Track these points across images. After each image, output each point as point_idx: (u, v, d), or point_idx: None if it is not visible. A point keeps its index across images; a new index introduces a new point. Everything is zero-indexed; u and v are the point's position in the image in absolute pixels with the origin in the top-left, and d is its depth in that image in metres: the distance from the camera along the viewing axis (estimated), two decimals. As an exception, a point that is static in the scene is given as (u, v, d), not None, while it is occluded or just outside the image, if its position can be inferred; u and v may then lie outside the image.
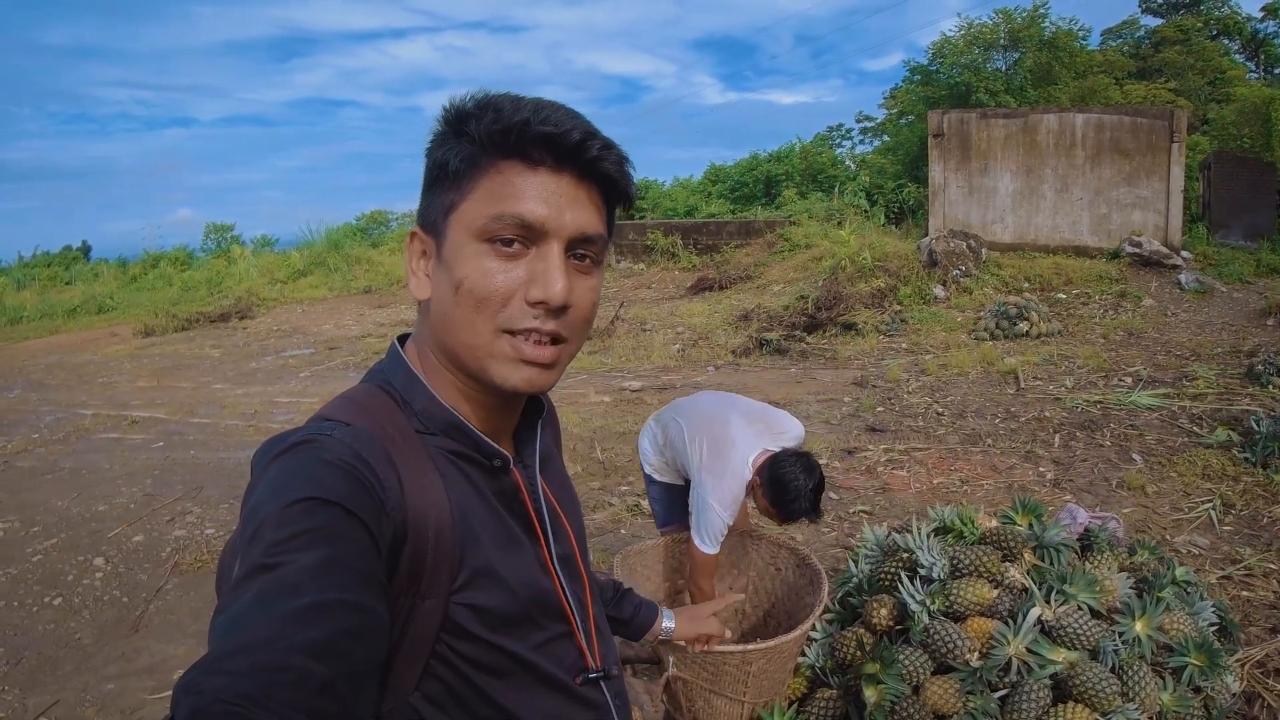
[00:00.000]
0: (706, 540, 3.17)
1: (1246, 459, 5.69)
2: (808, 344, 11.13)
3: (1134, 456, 6.05)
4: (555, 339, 0.99)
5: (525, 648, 1.04)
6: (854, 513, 5.40)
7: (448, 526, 0.97)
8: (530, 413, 1.18)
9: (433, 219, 1.02)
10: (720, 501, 3.15)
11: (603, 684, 1.16)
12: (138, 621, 4.60)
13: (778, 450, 3.19)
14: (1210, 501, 5.11)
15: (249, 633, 0.70)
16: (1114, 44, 30.60)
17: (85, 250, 33.97)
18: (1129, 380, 8.17)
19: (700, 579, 3.26)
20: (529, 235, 0.96)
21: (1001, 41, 20.19)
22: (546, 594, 1.08)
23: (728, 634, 2.11)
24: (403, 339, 1.13)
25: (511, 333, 0.98)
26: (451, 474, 1.02)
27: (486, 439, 1.06)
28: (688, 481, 3.47)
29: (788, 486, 3.04)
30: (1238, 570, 4.27)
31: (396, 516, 0.91)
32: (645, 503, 5.66)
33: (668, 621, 1.84)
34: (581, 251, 1.01)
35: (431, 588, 0.95)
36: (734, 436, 3.24)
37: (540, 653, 1.06)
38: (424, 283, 1.04)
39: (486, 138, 0.96)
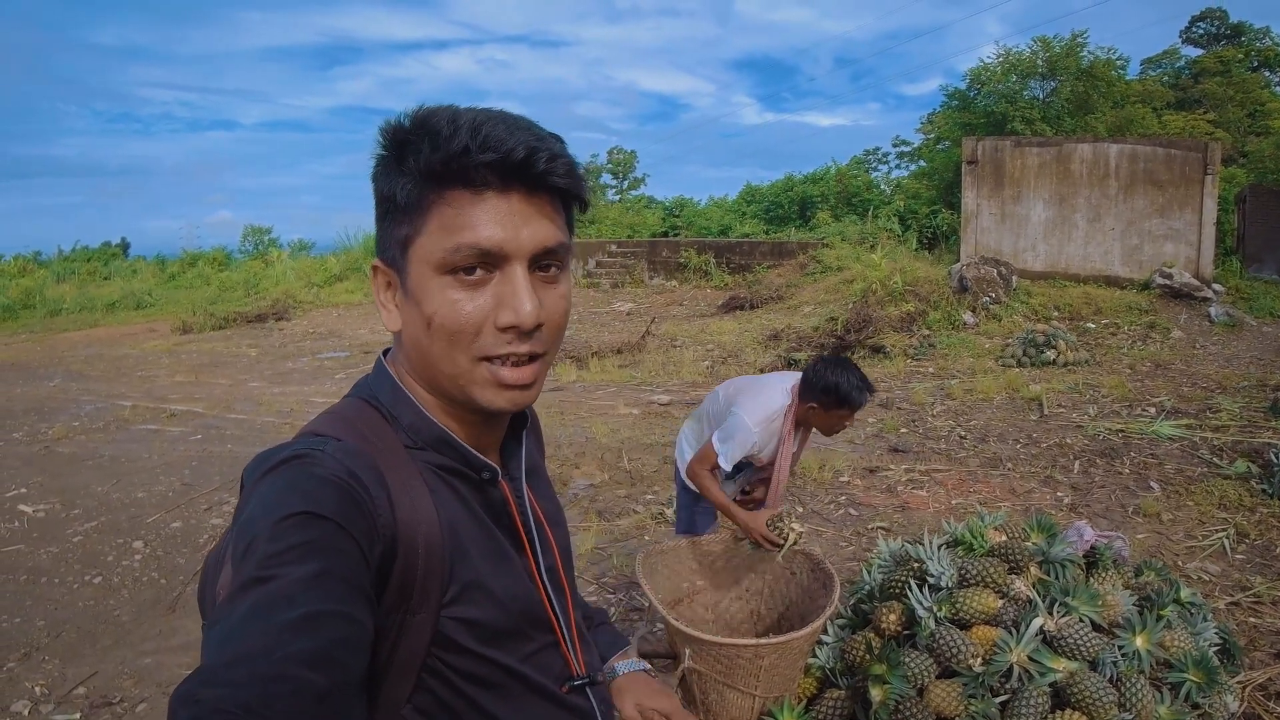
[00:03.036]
0: (724, 445, 3.41)
1: (1264, 491, 5.72)
2: (835, 364, 11.19)
3: (1152, 485, 6.10)
4: (532, 357, 0.99)
5: (515, 659, 1.05)
6: (872, 529, 5.50)
7: (437, 541, 0.97)
8: (515, 424, 1.18)
9: (391, 253, 1.01)
10: (749, 413, 3.40)
11: (589, 691, 1.17)
12: (175, 602, 4.77)
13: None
14: (1224, 531, 5.15)
15: (246, 643, 0.71)
16: (1153, 74, 30.44)
17: (124, 247, 34.58)
18: (1152, 410, 8.20)
19: (702, 476, 3.50)
20: (490, 260, 0.95)
21: (1039, 70, 20.16)
22: (534, 605, 1.09)
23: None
24: (389, 351, 1.13)
25: (489, 359, 0.98)
26: (440, 488, 1.02)
27: (474, 452, 1.06)
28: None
29: (826, 374, 3.34)
30: (1247, 597, 4.32)
31: (386, 532, 0.92)
32: (669, 512, 5.78)
33: (622, 664, 1.46)
34: (545, 262, 0.99)
35: (422, 603, 0.95)
36: (766, 377, 3.66)
37: (529, 663, 1.07)
38: (394, 314, 1.04)
39: (427, 170, 0.94)
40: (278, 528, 0.82)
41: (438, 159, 0.93)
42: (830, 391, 3.30)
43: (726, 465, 3.41)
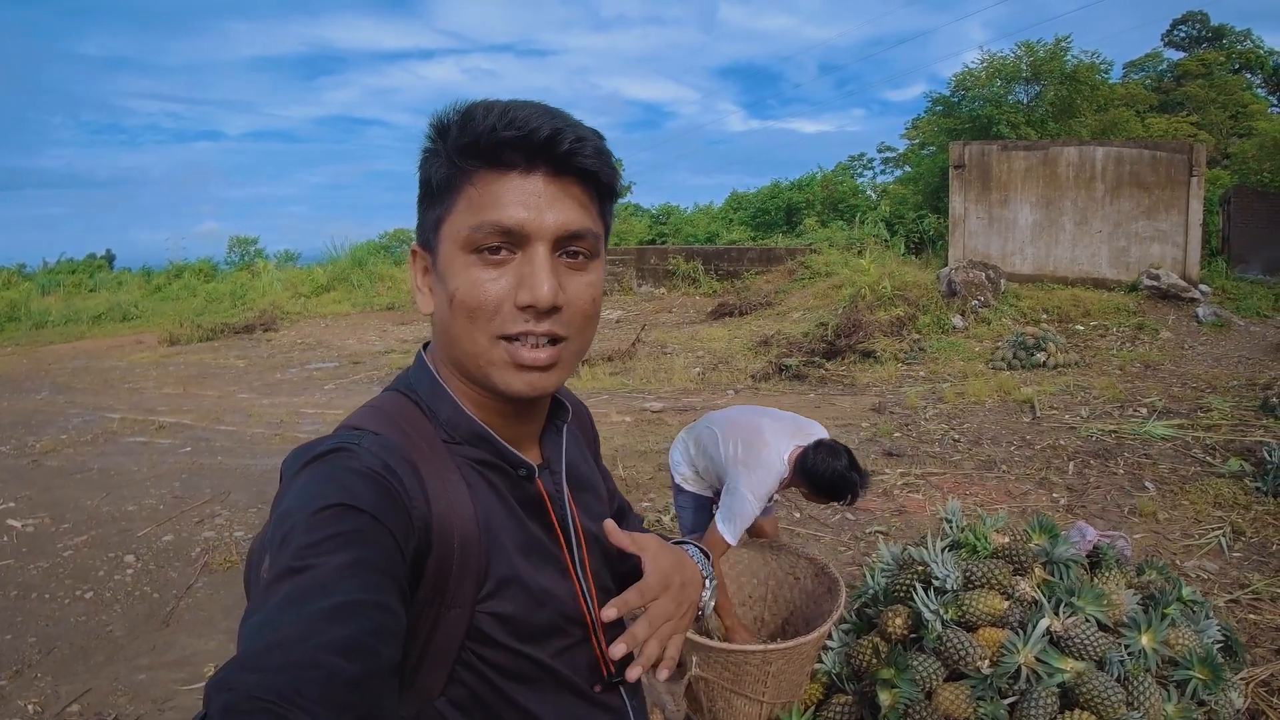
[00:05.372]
0: (730, 526, 3.30)
1: (1258, 488, 5.75)
2: (827, 370, 11.21)
3: (1147, 484, 6.11)
4: (553, 339, 1.00)
5: (547, 654, 1.05)
6: (870, 533, 5.49)
7: (474, 537, 0.98)
8: (555, 417, 1.19)
9: (426, 235, 1.04)
10: (753, 490, 3.30)
11: (621, 688, 1.16)
12: (168, 616, 4.72)
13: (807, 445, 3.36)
14: (1221, 529, 5.17)
15: (280, 631, 0.72)
16: (1136, 77, 30.74)
17: (109, 258, 34.37)
18: (1144, 411, 8.22)
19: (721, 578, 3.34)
20: (513, 240, 0.96)
21: (1023, 74, 20.28)
22: (568, 602, 1.09)
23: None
24: (429, 344, 1.14)
25: (507, 339, 0.98)
26: (477, 483, 1.03)
27: (511, 448, 1.07)
28: (716, 492, 3.64)
29: (819, 473, 3.23)
30: (1245, 594, 4.34)
31: (421, 526, 0.93)
32: (666, 518, 5.76)
33: None
34: (574, 249, 1.00)
35: (457, 597, 0.97)
36: (766, 437, 3.43)
37: (560, 659, 1.07)
38: (427, 298, 1.06)
39: (458, 150, 0.97)
40: (314, 519, 0.83)
41: (466, 139, 0.96)
42: (821, 489, 3.29)
43: (734, 542, 3.31)
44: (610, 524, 1.14)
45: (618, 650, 1.02)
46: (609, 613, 1.04)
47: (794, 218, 24.42)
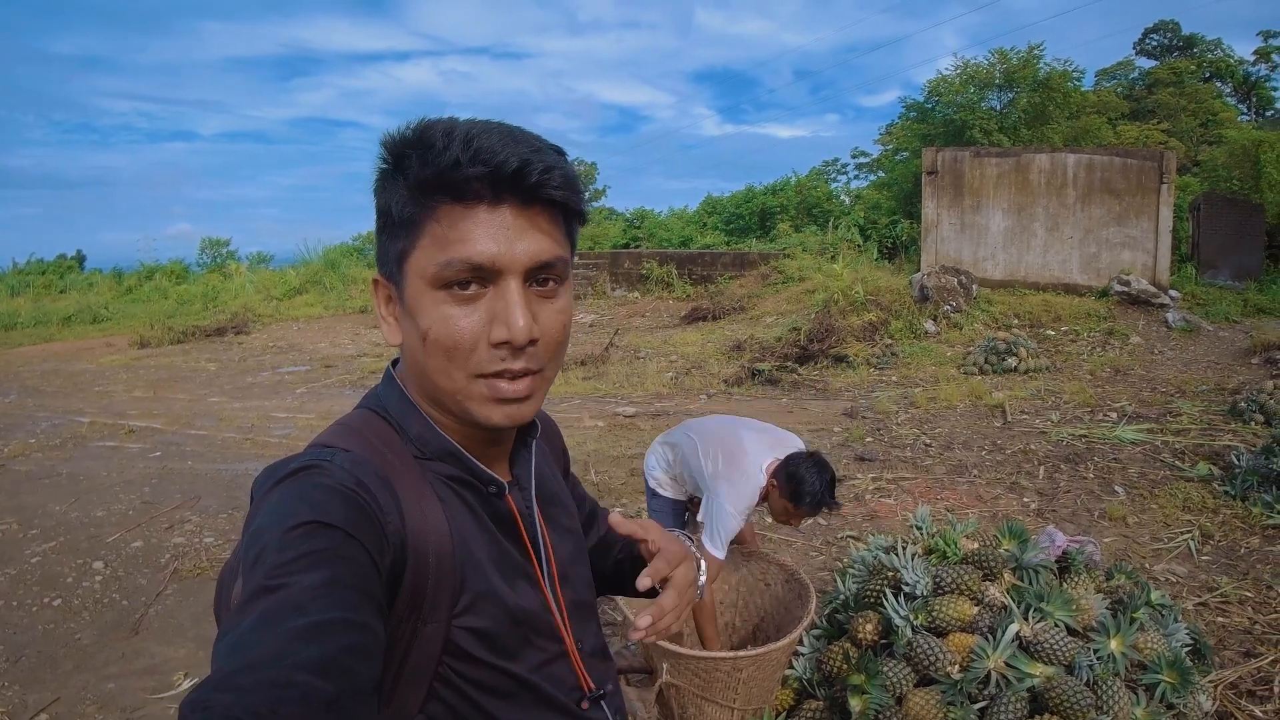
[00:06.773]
0: (717, 543, 3.33)
1: (1226, 492, 5.81)
2: (799, 375, 11.23)
3: (1116, 488, 6.17)
4: (528, 372, 0.99)
5: (525, 669, 1.05)
6: (841, 538, 5.51)
7: (448, 551, 0.98)
8: (524, 433, 1.18)
9: (389, 267, 1.01)
10: (735, 505, 3.32)
11: (603, 702, 1.16)
12: (138, 624, 4.67)
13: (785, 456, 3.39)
14: (1189, 532, 5.22)
15: (255, 651, 0.71)
16: (1108, 85, 31.05)
17: (80, 259, 34.03)
18: (1114, 415, 8.30)
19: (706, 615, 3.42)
20: (483, 275, 0.94)
21: (997, 81, 20.42)
22: (542, 617, 1.09)
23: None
24: (397, 362, 1.13)
25: (484, 375, 0.97)
26: (450, 499, 1.03)
27: (481, 466, 1.07)
28: (691, 498, 3.68)
29: (804, 480, 3.24)
30: (1214, 597, 4.38)
31: (396, 541, 0.92)
32: (638, 522, 5.75)
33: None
34: (543, 276, 0.99)
35: (433, 612, 0.96)
36: (746, 448, 3.46)
37: (539, 674, 1.07)
38: (394, 328, 1.04)
39: (419, 184, 0.94)
40: (286, 537, 0.82)
41: (429, 172, 0.93)
42: (793, 481, 3.30)
43: (722, 557, 3.34)
44: (616, 516, 1.16)
45: (644, 620, 1.05)
46: (643, 582, 1.08)
47: (768, 222, 24.49)
